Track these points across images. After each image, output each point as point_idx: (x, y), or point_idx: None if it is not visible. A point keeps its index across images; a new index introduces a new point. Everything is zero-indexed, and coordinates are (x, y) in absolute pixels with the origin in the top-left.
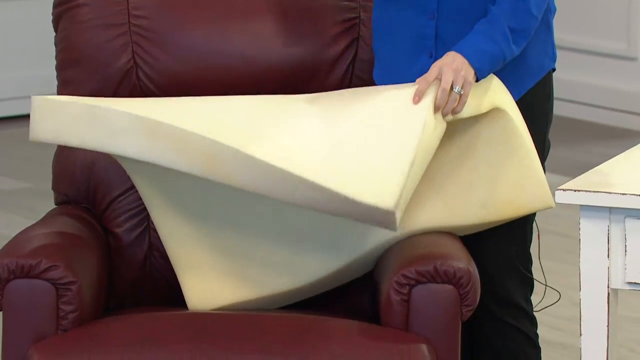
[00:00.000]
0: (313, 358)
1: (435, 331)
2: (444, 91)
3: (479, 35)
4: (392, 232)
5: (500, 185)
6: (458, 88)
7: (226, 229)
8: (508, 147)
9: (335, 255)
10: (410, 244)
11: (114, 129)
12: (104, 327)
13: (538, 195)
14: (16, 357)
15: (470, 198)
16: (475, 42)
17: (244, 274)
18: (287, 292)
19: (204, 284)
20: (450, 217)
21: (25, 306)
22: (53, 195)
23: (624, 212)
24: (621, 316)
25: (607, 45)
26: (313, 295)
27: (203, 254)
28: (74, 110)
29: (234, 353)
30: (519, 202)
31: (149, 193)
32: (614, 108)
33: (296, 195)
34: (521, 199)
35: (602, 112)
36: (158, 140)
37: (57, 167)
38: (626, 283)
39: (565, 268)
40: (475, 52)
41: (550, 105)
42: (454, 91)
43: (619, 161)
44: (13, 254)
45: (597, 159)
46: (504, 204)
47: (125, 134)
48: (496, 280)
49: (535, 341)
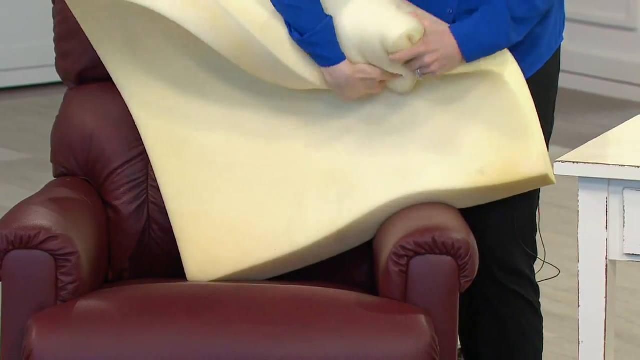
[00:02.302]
0: (311, 328)
1: (434, 302)
2: (406, 67)
3: (479, 23)
4: (392, 194)
5: (498, 153)
6: (418, 73)
7: (228, 195)
8: (507, 117)
9: (335, 215)
10: (408, 216)
11: None
12: (103, 298)
13: (535, 164)
14: (15, 328)
15: (468, 163)
16: (473, 29)
17: (245, 240)
18: (287, 257)
19: (205, 254)
20: (449, 180)
21: (24, 277)
22: (52, 167)
23: (623, 184)
24: (619, 287)
25: (606, 16)
26: (313, 262)
27: (205, 222)
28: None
29: (232, 323)
30: (515, 168)
31: (156, 150)
32: (613, 79)
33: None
34: (518, 166)
35: (601, 83)
36: (197, 8)
37: (56, 138)
38: (624, 254)
39: (563, 239)
40: (470, 40)
41: (558, 77)
42: (416, 74)
43: (617, 132)
44: (12, 225)
45: (596, 131)
46: (500, 169)
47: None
48: (502, 248)
49: (537, 309)
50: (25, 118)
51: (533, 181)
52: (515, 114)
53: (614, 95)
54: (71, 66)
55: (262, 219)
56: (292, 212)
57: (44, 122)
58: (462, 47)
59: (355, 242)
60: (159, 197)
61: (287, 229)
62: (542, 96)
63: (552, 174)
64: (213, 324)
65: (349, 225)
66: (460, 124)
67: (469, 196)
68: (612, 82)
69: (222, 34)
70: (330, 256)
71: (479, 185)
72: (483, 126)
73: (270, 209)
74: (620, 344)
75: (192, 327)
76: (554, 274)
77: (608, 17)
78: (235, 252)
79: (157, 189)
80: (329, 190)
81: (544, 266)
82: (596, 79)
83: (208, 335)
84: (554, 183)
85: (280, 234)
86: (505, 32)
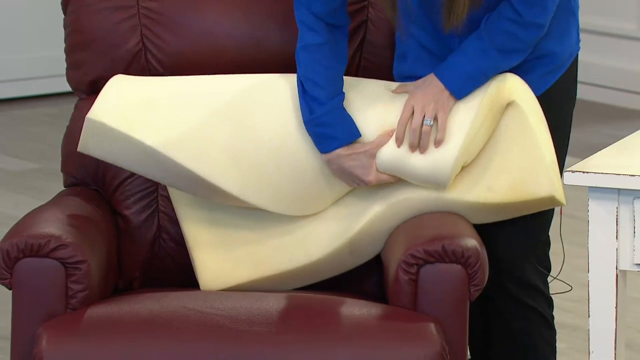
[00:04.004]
0: (322, 337)
1: (444, 311)
2: (414, 132)
3: (456, 56)
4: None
5: (507, 172)
6: (429, 121)
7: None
8: (518, 138)
9: (347, 225)
10: (418, 225)
11: (144, 161)
12: (113, 306)
13: (543, 185)
14: (25, 335)
15: (478, 179)
16: (451, 63)
17: (260, 250)
18: (303, 268)
19: (218, 263)
20: (459, 191)
21: (35, 285)
22: (62, 177)
23: (633, 194)
24: (629, 297)
25: (617, 26)
26: (329, 275)
27: (218, 233)
28: (116, 136)
29: (242, 332)
30: (522, 188)
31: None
32: (624, 89)
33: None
34: (526, 186)
35: (612, 93)
36: (169, 173)
37: (67, 148)
38: (634, 264)
39: (574, 250)
40: (451, 74)
41: (576, 88)
42: (425, 124)
43: (628, 142)
44: (22, 233)
45: (607, 140)
46: (508, 188)
47: (150, 165)
48: (513, 262)
49: (551, 322)
50: (35, 128)
51: (541, 202)
52: (527, 136)
53: (625, 105)
54: (82, 77)
55: (278, 230)
56: (308, 225)
57: (54, 132)
58: (446, 83)
59: (368, 254)
60: (170, 207)
61: (302, 240)
62: (557, 109)
63: (561, 196)
64: (223, 332)
65: (360, 232)
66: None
67: (477, 211)
68: (623, 92)
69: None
70: (345, 270)
71: (486, 201)
72: (495, 147)
73: (286, 221)
74: (630, 354)
75: (202, 334)
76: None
77: (619, 28)
78: (250, 262)
79: (168, 198)
80: (343, 202)
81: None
82: (607, 89)
83: (218, 343)
84: (564, 204)
85: (296, 245)
86: (486, 58)
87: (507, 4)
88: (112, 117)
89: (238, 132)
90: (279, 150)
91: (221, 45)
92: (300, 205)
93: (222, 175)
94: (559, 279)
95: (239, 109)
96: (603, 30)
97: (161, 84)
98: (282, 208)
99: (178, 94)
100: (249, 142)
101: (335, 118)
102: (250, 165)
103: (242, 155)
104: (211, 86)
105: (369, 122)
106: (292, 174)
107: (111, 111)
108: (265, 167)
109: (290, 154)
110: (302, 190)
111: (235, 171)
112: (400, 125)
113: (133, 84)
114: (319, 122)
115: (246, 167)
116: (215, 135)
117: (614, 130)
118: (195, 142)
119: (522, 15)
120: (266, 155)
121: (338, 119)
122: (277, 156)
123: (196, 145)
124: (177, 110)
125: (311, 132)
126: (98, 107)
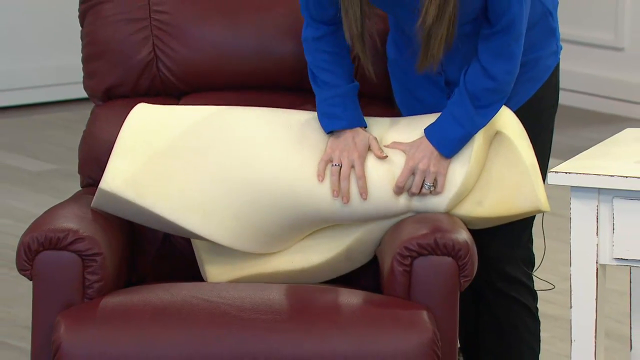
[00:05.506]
0: (319, 325)
1: (435, 300)
2: (414, 194)
3: (447, 121)
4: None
5: (495, 189)
6: (427, 186)
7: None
8: (504, 160)
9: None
10: (412, 220)
11: (152, 221)
12: (128, 295)
13: (529, 199)
14: (45, 324)
15: (469, 196)
16: (444, 131)
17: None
18: (303, 270)
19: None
20: (449, 206)
21: (54, 276)
22: (79, 178)
23: (612, 193)
24: (609, 290)
25: (596, 36)
26: (326, 279)
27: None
28: (126, 203)
29: (247, 319)
30: (510, 203)
31: None
32: (602, 95)
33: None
34: (514, 201)
35: (591, 99)
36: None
37: (83, 151)
38: (614, 259)
39: (557, 245)
40: (443, 140)
41: (557, 95)
42: (424, 189)
43: (606, 145)
44: (42, 227)
45: (587, 143)
46: (497, 203)
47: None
48: (500, 260)
49: (535, 314)
50: (53, 131)
51: (527, 213)
52: (514, 158)
53: (603, 111)
54: (97, 85)
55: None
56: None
57: (71, 135)
58: (439, 148)
59: (363, 259)
60: None
61: (302, 249)
62: (540, 116)
63: (545, 205)
64: (229, 319)
65: (356, 240)
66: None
67: (467, 222)
68: (602, 98)
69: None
70: (341, 274)
71: (476, 215)
72: (485, 167)
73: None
74: (609, 342)
75: (209, 321)
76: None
77: (598, 38)
78: (255, 256)
79: None
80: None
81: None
82: (587, 95)
83: (224, 329)
84: (549, 211)
85: (296, 252)
86: (472, 121)
87: (477, 64)
88: (122, 188)
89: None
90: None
91: (229, 55)
92: (265, 245)
93: (208, 228)
94: (542, 279)
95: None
96: (582, 40)
97: (166, 134)
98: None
99: (181, 148)
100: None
101: (347, 102)
102: (218, 206)
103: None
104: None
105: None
106: (258, 213)
107: (121, 181)
108: (236, 206)
109: (258, 192)
110: (266, 230)
111: (227, 222)
112: (400, 183)
113: (141, 134)
114: (331, 103)
115: (214, 209)
116: (228, 202)
117: (594, 133)
118: (203, 206)
119: (491, 70)
120: (241, 197)
121: (350, 104)
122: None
123: (202, 208)
124: (179, 175)
125: (320, 111)
126: (110, 176)
